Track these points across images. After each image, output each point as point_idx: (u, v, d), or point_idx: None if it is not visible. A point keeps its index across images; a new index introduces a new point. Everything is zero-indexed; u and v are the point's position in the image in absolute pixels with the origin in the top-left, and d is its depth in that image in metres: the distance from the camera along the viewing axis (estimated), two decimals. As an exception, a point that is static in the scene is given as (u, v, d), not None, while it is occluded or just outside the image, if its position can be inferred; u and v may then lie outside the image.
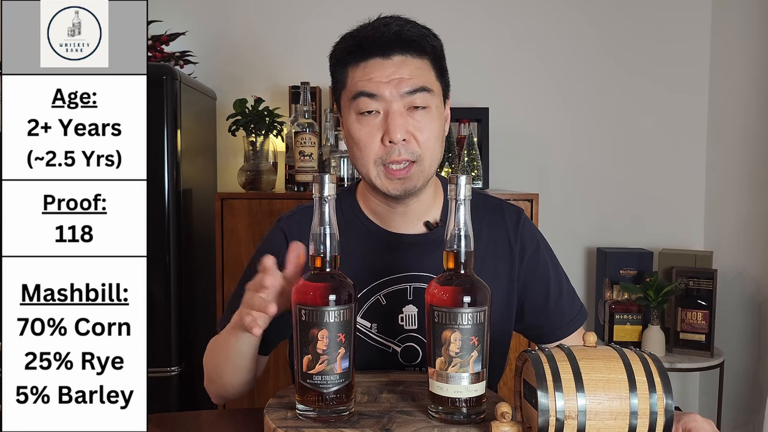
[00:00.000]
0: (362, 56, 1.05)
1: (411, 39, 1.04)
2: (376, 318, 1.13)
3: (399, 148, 1.04)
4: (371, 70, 1.04)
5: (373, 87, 1.03)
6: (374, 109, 1.04)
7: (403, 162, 1.04)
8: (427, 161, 1.06)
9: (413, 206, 1.13)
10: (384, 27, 1.04)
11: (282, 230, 1.18)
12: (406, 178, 1.05)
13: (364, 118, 1.05)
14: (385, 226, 1.15)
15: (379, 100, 1.04)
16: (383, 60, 1.04)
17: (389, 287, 1.13)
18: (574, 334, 1.20)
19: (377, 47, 1.04)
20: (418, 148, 1.05)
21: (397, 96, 1.03)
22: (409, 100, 1.04)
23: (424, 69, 1.06)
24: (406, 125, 1.04)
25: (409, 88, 1.03)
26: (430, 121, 1.06)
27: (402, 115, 1.04)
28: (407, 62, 1.04)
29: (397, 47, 1.04)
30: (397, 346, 1.13)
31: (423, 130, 1.05)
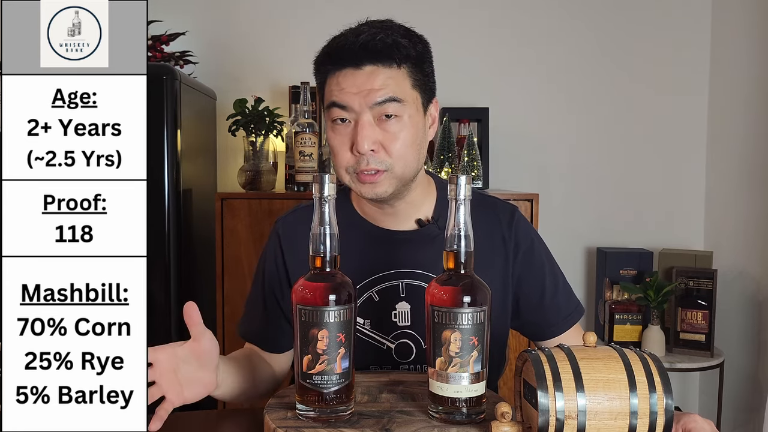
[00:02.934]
0: (334, 66, 1.06)
1: (379, 50, 1.04)
2: (369, 314, 1.14)
3: (367, 159, 1.04)
4: (343, 80, 1.05)
5: (343, 98, 1.04)
6: (346, 118, 1.06)
7: (372, 170, 1.05)
8: (399, 169, 1.06)
9: (401, 207, 1.14)
10: (354, 37, 1.04)
11: (277, 233, 1.20)
12: (376, 183, 1.06)
13: (337, 127, 1.07)
14: (377, 224, 1.17)
15: (350, 111, 1.05)
16: (354, 70, 1.04)
17: (382, 284, 1.14)
18: (571, 330, 1.21)
19: (348, 58, 1.05)
20: (387, 158, 1.05)
21: (365, 107, 1.04)
22: (379, 110, 1.04)
23: (397, 78, 1.05)
24: (375, 136, 1.04)
25: (378, 98, 1.03)
26: (402, 129, 1.06)
27: (370, 126, 1.04)
28: (378, 72, 1.04)
29: (366, 58, 1.04)
30: (391, 342, 1.14)
31: (394, 140, 1.05)
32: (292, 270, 1.17)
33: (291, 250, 1.17)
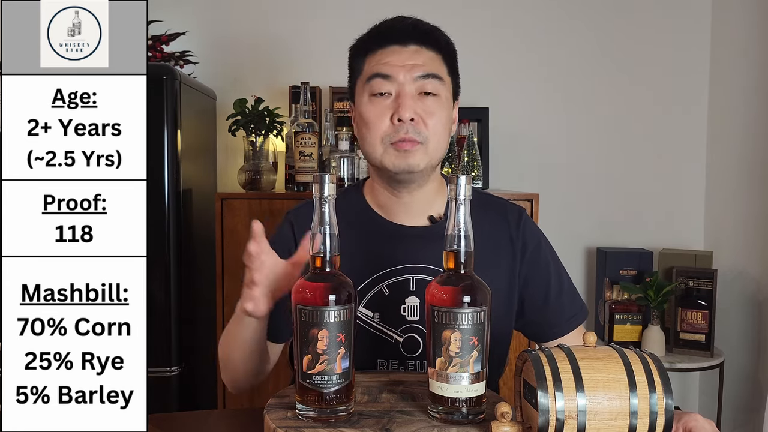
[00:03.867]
0: (380, 44, 1.12)
1: (426, 31, 1.12)
2: (379, 308, 1.15)
3: (407, 127, 1.08)
4: (388, 54, 1.11)
5: (388, 69, 1.10)
6: (387, 90, 1.10)
7: (410, 139, 1.09)
8: (432, 145, 1.10)
9: (417, 197, 1.16)
10: (403, 19, 1.13)
11: (290, 221, 1.21)
12: (411, 152, 1.09)
13: (376, 99, 1.11)
14: (390, 219, 1.18)
15: (393, 82, 1.10)
16: (400, 47, 1.11)
17: (392, 278, 1.15)
18: (574, 332, 1.20)
19: (395, 36, 1.12)
20: (425, 130, 1.10)
21: (410, 79, 1.10)
22: (421, 85, 1.10)
23: (437, 61, 1.13)
24: (416, 107, 1.09)
25: (421, 72, 1.10)
26: (439, 108, 1.11)
27: (413, 98, 1.10)
28: (422, 52, 1.12)
29: (413, 37, 1.11)
30: (399, 336, 1.14)
31: (432, 115, 1.10)
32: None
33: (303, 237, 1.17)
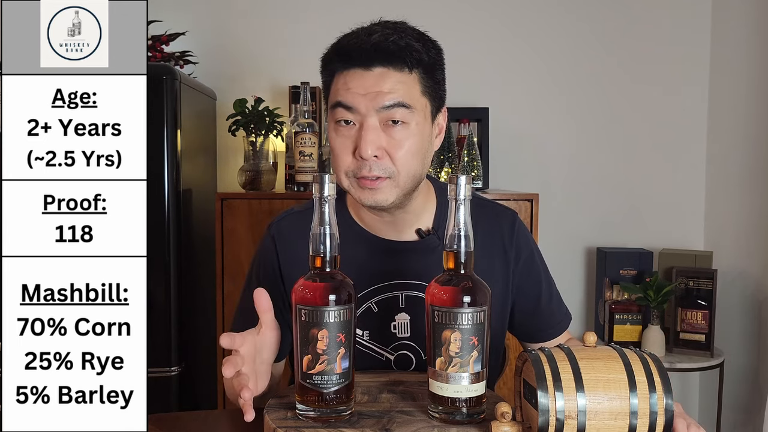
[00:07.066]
0: (344, 64, 1.01)
1: (391, 51, 0.99)
2: (368, 325, 1.12)
3: (370, 165, 1.00)
4: (351, 80, 1.00)
5: (350, 98, 1.00)
6: (350, 119, 1.01)
7: (374, 177, 1.01)
8: (403, 177, 1.02)
9: (400, 216, 1.10)
10: (366, 36, 1.00)
11: (272, 235, 1.16)
12: (377, 189, 1.01)
13: (340, 128, 1.02)
14: (376, 234, 1.13)
15: (355, 113, 1.00)
16: (363, 71, 1.00)
17: (381, 294, 1.11)
18: (560, 337, 1.23)
19: (358, 57, 1.00)
20: (391, 165, 1.01)
21: (372, 110, 0.99)
22: (386, 115, 1.00)
23: (407, 83, 1.01)
24: (379, 141, 1.00)
25: (386, 102, 0.99)
26: (408, 137, 1.01)
27: (375, 131, 0.99)
28: (388, 75, 0.99)
29: (377, 59, 0.99)
30: (390, 354, 1.12)
31: (399, 147, 1.00)
32: (286, 273, 1.13)
33: (285, 252, 1.14)
